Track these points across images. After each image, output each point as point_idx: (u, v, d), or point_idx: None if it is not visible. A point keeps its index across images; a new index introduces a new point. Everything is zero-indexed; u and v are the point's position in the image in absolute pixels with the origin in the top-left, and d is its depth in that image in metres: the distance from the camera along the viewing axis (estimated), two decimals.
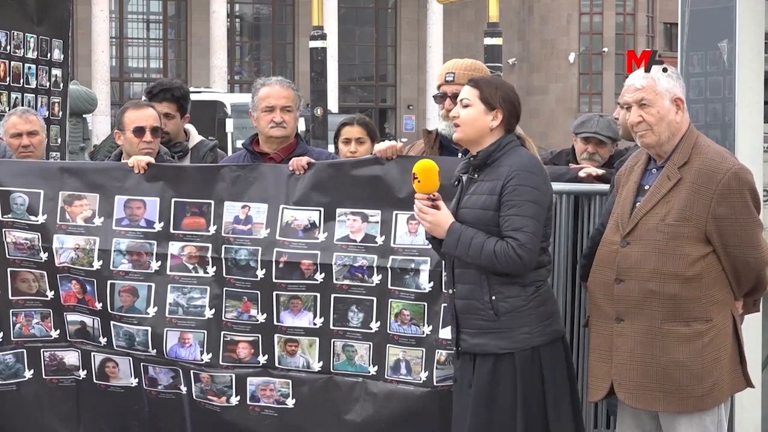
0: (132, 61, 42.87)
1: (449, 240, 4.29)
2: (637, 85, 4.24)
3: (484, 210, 4.26)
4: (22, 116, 5.90)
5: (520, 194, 4.21)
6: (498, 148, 4.32)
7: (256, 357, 5.06)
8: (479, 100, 4.35)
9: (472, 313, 4.31)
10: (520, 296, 4.26)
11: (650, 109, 4.21)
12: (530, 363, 4.25)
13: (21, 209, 5.19)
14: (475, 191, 4.33)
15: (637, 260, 4.18)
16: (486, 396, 4.28)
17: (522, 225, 4.18)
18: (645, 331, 4.16)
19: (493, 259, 4.18)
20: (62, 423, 5.30)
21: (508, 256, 4.16)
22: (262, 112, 5.28)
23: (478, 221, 4.27)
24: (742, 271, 4.19)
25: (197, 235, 5.12)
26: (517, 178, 4.22)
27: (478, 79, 4.47)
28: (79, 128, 15.73)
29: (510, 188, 4.21)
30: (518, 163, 4.27)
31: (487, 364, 4.28)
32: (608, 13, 42.28)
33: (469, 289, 4.32)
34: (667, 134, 4.22)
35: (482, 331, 4.29)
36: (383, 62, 45.17)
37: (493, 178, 4.28)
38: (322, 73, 22.10)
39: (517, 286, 4.25)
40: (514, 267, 4.19)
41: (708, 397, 4.15)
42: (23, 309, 5.23)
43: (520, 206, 4.20)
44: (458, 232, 4.27)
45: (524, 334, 4.24)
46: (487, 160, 4.32)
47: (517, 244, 4.16)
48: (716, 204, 4.11)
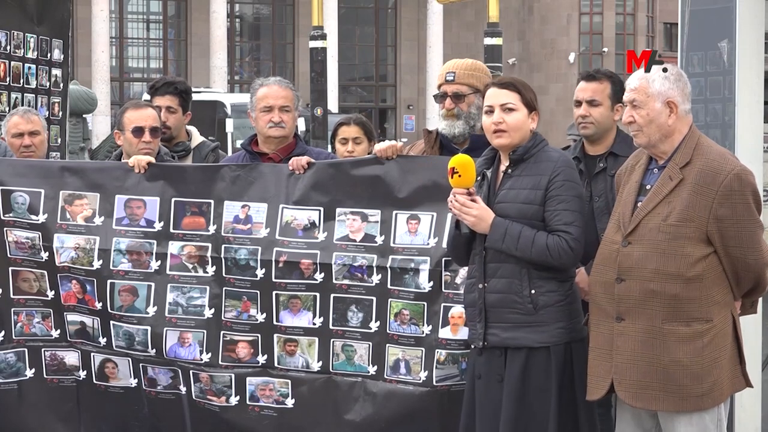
0: (132, 61, 42.87)
1: (494, 234, 4.34)
2: (632, 85, 4.27)
3: (528, 204, 4.34)
4: (24, 116, 5.91)
5: (568, 189, 4.33)
6: (534, 144, 4.42)
7: (256, 357, 5.06)
8: (522, 104, 4.43)
9: (507, 307, 4.35)
10: (558, 291, 4.34)
11: (641, 111, 4.23)
12: (563, 358, 4.32)
13: (22, 208, 5.20)
14: (514, 186, 4.39)
15: (638, 260, 4.19)
16: (519, 391, 4.32)
17: (573, 219, 4.30)
18: (646, 330, 4.17)
19: (546, 253, 4.27)
20: (62, 423, 5.30)
21: (562, 250, 4.26)
22: (260, 112, 5.28)
23: (521, 215, 4.34)
24: (742, 272, 4.20)
25: (197, 234, 5.12)
26: (563, 174, 4.34)
27: (514, 83, 4.50)
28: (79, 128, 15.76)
29: (558, 183, 4.32)
30: (562, 160, 4.39)
31: (520, 358, 4.33)
32: (608, 13, 42.30)
33: (506, 283, 4.36)
34: (657, 136, 4.23)
35: (516, 324, 4.33)
36: (383, 62, 45.17)
37: (534, 173, 4.36)
38: (322, 73, 22.12)
39: (556, 281, 4.34)
40: (566, 260, 4.30)
41: (707, 397, 4.15)
42: (24, 308, 5.25)
43: (569, 201, 4.31)
44: (504, 226, 4.32)
45: (560, 328, 4.33)
46: (524, 156, 4.40)
47: (571, 237, 4.28)
48: (718, 205, 4.11)
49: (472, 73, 5.06)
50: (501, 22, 21.17)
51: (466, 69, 5.08)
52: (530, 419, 4.31)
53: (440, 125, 5.10)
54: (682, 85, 4.26)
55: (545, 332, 4.32)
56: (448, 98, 5.04)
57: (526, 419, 4.31)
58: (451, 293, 4.80)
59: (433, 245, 4.85)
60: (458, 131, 5.02)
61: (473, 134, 5.00)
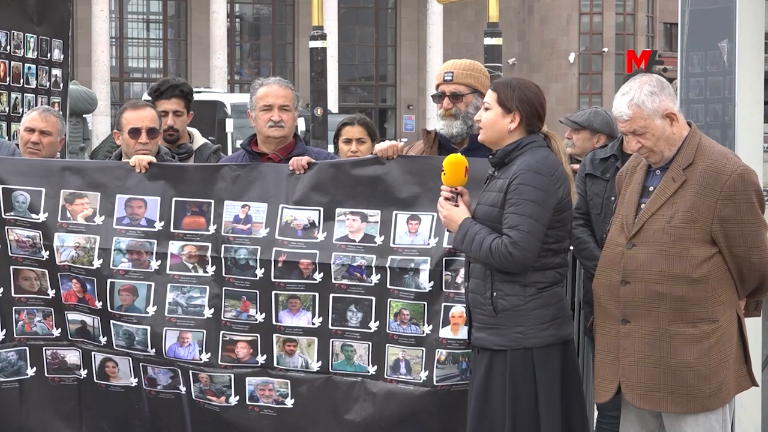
0: (132, 61, 42.85)
1: (457, 235, 4.40)
2: (625, 117, 4.23)
3: (492, 207, 4.35)
4: (42, 114, 5.92)
5: (521, 193, 4.26)
6: (516, 147, 4.38)
7: (255, 357, 5.06)
8: (496, 103, 4.43)
9: (477, 308, 4.41)
10: (519, 295, 4.31)
11: (646, 135, 4.22)
12: (522, 363, 4.30)
13: (23, 207, 5.20)
14: (490, 188, 4.42)
15: (643, 262, 4.18)
16: (481, 391, 4.36)
17: (517, 223, 4.24)
18: (652, 332, 4.17)
19: (489, 256, 4.27)
20: (64, 422, 5.30)
21: (501, 253, 4.24)
22: (260, 111, 5.28)
23: (486, 218, 4.36)
24: (747, 271, 4.20)
25: (197, 234, 5.12)
26: (520, 177, 4.28)
27: (497, 83, 4.52)
28: (79, 128, 15.74)
29: (513, 187, 4.29)
30: (526, 163, 4.32)
31: (485, 358, 4.37)
32: (608, 13, 42.28)
33: (475, 283, 4.42)
34: (668, 148, 4.24)
35: (483, 325, 4.38)
36: (383, 62, 45.15)
37: (505, 176, 4.35)
38: (322, 73, 22.13)
39: (518, 285, 4.31)
40: (506, 264, 4.26)
41: (715, 397, 4.16)
42: (25, 307, 5.25)
43: (519, 204, 4.25)
44: (466, 228, 4.36)
45: (517, 333, 4.31)
46: (505, 159, 4.39)
47: (510, 241, 4.23)
48: (722, 205, 4.11)
49: (470, 73, 5.07)
50: (501, 22, 21.18)
51: (464, 69, 5.09)
52: (493, 419, 4.34)
53: (438, 125, 5.11)
54: (668, 91, 4.24)
55: (503, 335, 4.32)
56: (446, 98, 5.05)
57: (490, 418, 4.34)
58: (452, 293, 4.79)
59: (433, 245, 4.85)
60: (456, 131, 5.03)
61: (472, 134, 5.01)
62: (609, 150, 5.49)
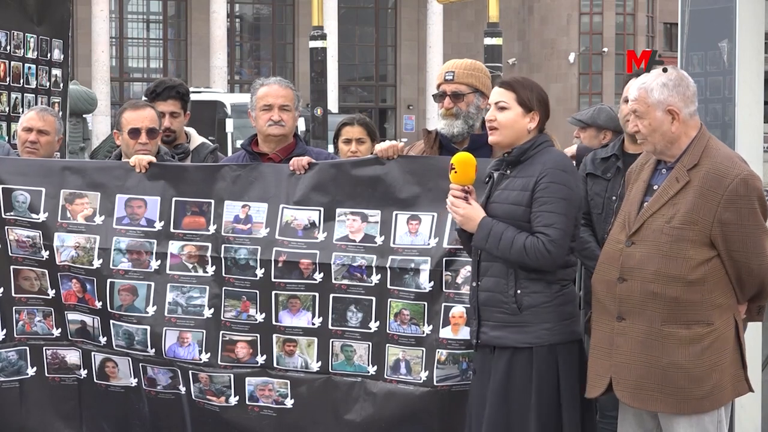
0: (132, 61, 42.86)
1: (480, 234, 4.36)
2: (631, 96, 4.27)
3: (516, 205, 4.34)
4: (40, 113, 5.92)
5: (553, 191, 4.29)
6: (532, 146, 4.39)
7: (255, 357, 5.06)
8: (516, 103, 4.42)
9: (494, 306, 4.38)
10: (545, 293, 4.33)
11: (643, 121, 4.22)
12: (546, 359, 4.31)
13: (23, 207, 5.21)
14: (507, 187, 4.40)
15: (640, 261, 4.18)
16: (503, 389, 4.34)
17: (553, 221, 4.26)
18: (645, 331, 4.16)
19: (523, 254, 4.26)
20: (64, 421, 5.31)
21: (538, 251, 4.24)
22: (260, 111, 5.29)
23: (508, 216, 4.34)
24: (746, 277, 4.18)
25: (197, 234, 5.13)
26: (549, 175, 4.30)
27: (511, 82, 4.50)
28: (79, 128, 15.74)
29: (542, 185, 4.29)
30: (552, 161, 4.34)
31: (505, 357, 4.35)
32: (608, 13, 42.29)
33: (494, 281, 4.38)
34: (663, 143, 4.22)
35: (503, 324, 4.35)
36: (383, 62, 45.17)
37: (526, 175, 4.35)
38: (322, 73, 22.12)
39: (543, 283, 4.33)
40: (543, 262, 4.26)
41: (707, 400, 4.14)
42: (26, 307, 5.26)
43: (551, 203, 4.28)
44: (489, 227, 4.33)
45: (544, 330, 4.32)
46: (521, 157, 4.39)
47: (548, 239, 4.24)
48: (723, 209, 4.09)
49: (471, 73, 5.08)
50: (501, 22, 21.16)
51: (465, 68, 5.10)
52: (512, 418, 4.33)
53: (439, 125, 5.11)
54: (683, 89, 4.21)
55: (529, 333, 4.32)
56: (447, 97, 5.06)
57: (509, 418, 4.33)
58: (452, 293, 4.80)
59: (433, 245, 4.85)
60: (457, 131, 5.04)
61: (473, 134, 5.01)
62: (610, 149, 5.51)
